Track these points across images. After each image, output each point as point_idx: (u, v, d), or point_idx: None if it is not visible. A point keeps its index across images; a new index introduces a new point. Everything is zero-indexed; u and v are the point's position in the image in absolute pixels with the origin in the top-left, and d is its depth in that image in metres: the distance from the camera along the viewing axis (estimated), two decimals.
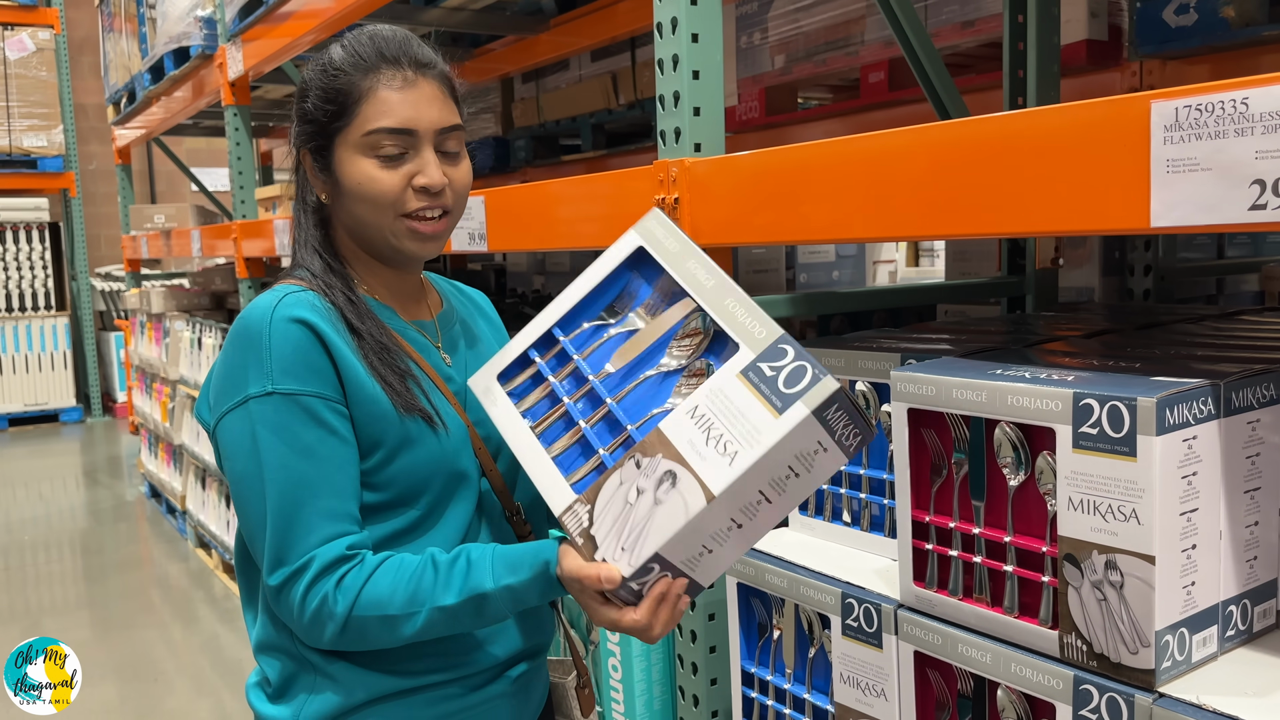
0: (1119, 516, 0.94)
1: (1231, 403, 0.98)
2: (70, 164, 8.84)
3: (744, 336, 1.00)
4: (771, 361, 0.97)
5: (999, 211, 1.05)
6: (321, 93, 1.17)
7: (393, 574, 1.07)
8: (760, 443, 0.93)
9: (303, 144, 1.20)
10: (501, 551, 1.09)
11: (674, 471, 0.96)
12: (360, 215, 1.17)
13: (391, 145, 1.14)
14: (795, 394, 0.94)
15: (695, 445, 0.96)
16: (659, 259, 1.11)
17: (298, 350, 1.09)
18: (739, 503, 0.96)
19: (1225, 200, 0.86)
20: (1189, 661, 0.97)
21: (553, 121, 4.05)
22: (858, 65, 2.64)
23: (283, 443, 1.07)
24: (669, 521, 0.95)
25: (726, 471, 0.94)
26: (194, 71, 4.16)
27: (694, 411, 0.98)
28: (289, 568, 1.06)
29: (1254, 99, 0.84)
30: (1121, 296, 2.15)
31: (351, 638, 1.07)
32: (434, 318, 1.28)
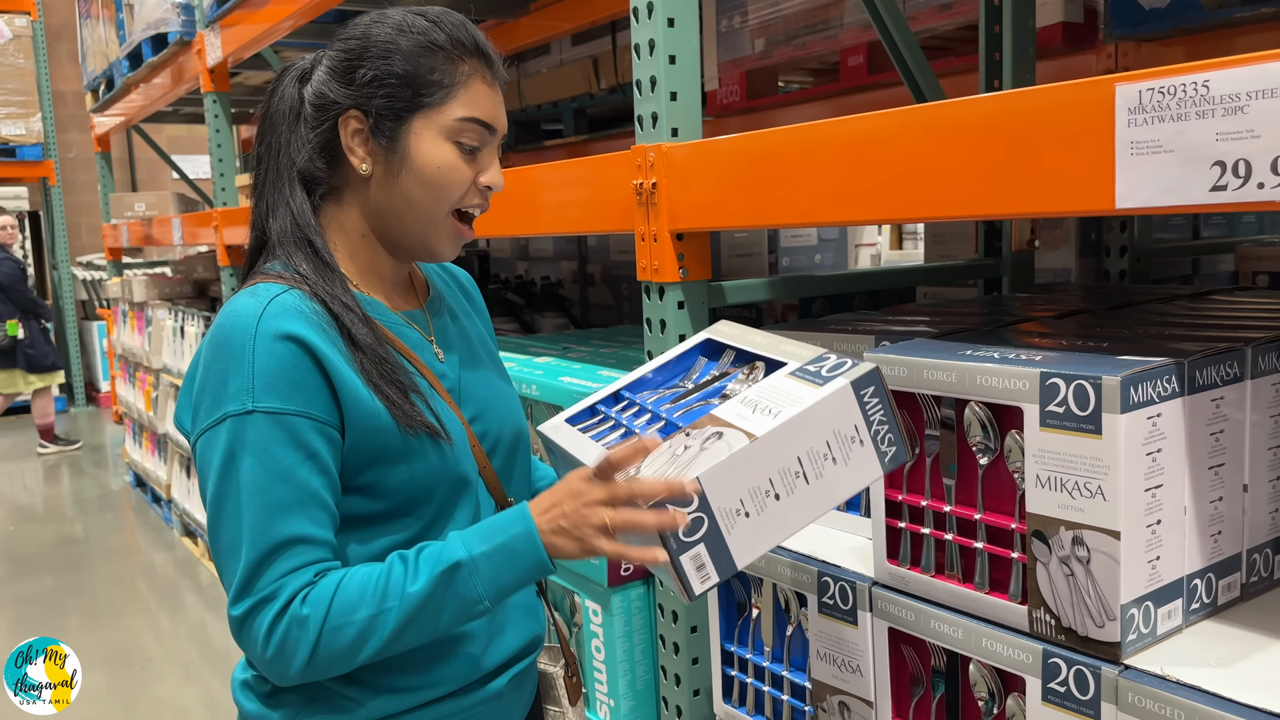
0: (1085, 493, 0.96)
1: (1195, 381, 1.00)
2: (49, 152, 8.76)
3: (792, 357, 1.08)
4: (816, 363, 1.04)
5: (968, 194, 1.07)
6: (418, 61, 1.09)
7: (360, 576, 1.02)
8: (801, 402, 0.98)
9: (371, 107, 1.10)
10: (470, 529, 1.05)
11: (719, 431, 0.99)
12: (416, 199, 1.11)
13: (474, 137, 1.11)
14: (835, 374, 1.01)
15: (742, 415, 1.01)
16: (720, 340, 1.20)
17: (283, 366, 1.02)
18: (778, 461, 0.97)
19: (1188, 182, 0.88)
20: (1154, 634, 0.99)
21: (534, 106, 4.04)
22: (837, 49, 2.65)
23: (259, 464, 1.00)
24: (714, 456, 0.96)
25: (769, 421, 0.97)
26: (172, 58, 4.14)
27: (745, 399, 1.03)
28: (254, 597, 1.00)
29: (1214, 82, 0.85)
30: (1098, 277, 2.17)
31: (324, 660, 1.00)
32: (422, 306, 1.23)
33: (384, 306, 1.16)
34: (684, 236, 1.51)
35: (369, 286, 1.16)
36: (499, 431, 1.21)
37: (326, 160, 1.13)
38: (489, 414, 1.20)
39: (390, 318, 1.15)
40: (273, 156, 1.15)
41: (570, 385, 1.76)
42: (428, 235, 1.13)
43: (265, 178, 1.15)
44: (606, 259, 3.51)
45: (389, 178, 1.11)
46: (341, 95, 1.11)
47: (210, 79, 3.77)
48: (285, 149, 1.14)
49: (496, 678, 1.17)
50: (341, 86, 1.11)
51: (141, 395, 5.40)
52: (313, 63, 1.16)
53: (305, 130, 1.13)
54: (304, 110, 1.13)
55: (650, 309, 1.56)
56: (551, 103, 3.94)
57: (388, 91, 1.09)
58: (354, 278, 1.15)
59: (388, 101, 1.09)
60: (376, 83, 1.09)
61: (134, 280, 5.30)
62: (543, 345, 2.30)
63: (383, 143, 1.10)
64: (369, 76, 1.09)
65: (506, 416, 1.23)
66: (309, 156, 1.12)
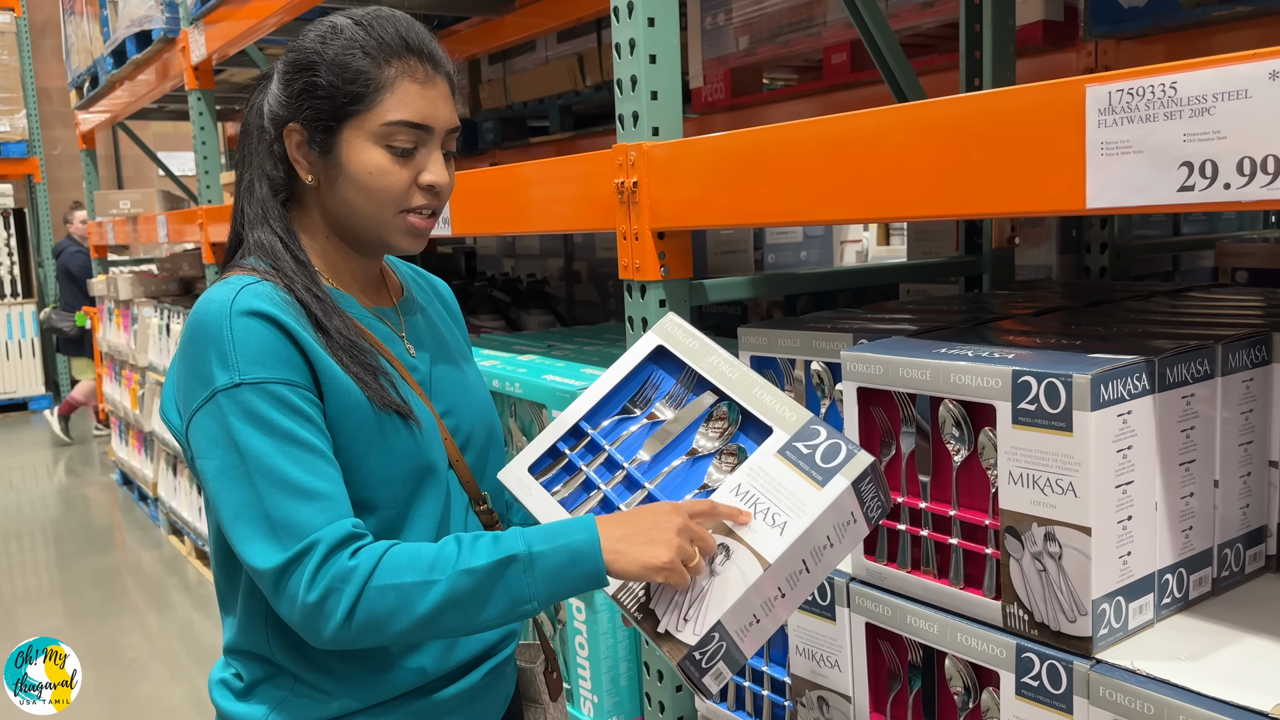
0: (1057, 490, 0.97)
1: (1166, 378, 1.01)
2: (34, 149, 8.72)
3: (776, 420, 1.06)
4: (806, 441, 1.03)
5: (945, 193, 1.08)
6: (340, 70, 1.09)
7: (411, 546, 1.01)
8: (807, 513, 0.99)
9: (301, 120, 1.11)
10: (532, 527, 1.04)
11: (727, 545, 1.00)
12: (357, 205, 1.12)
13: (406, 139, 1.10)
14: (834, 468, 1.00)
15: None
16: (681, 356, 1.16)
17: (261, 340, 1.03)
18: (786, 571, 1.00)
19: (1156, 182, 0.89)
20: (1125, 629, 1.00)
21: (520, 103, 4.04)
22: (820, 47, 2.66)
23: (261, 431, 1.01)
24: (729, 590, 0.98)
25: (778, 541, 0.99)
26: (157, 55, 4.12)
27: (738, 489, 1.03)
28: (289, 551, 0.98)
29: (1182, 83, 0.86)
30: (1078, 274, 2.18)
31: (362, 618, 0.97)
32: (395, 304, 1.24)
33: (355, 301, 1.18)
34: (665, 235, 1.52)
35: (341, 284, 1.18)
36: (471, 427, 1.22)
37: (285, 169, 1.16)
38: (461, 409, 1.21)
39: (361, 312, 1.17)
40: (246, 164, 1.18)
41: (553, 384, 1.77)
42: (379, 234, 1.14)
43: (241, 184, 1.19)
44: (593, 256, 3.52)
45: (330, 186, 1.13)
46: (283, 108, 1.13)
47: (195, 76, 3.76)
48: (255, 158, 1.17)
49: (471, 671, 1.17)
50: (284, 98, 1.13)
51: (128, 393, 5.38)
52: (269, 72, 1.17)
53: (266, 140, 1.16)
54: (263, 121, 1.16)
55: (632, 307, 1.57)
56: (538, 100, 3.94)
57: (314, 103, 1.10)
58: (324, 273, 1.17)
59: (316, 113, 1.10)
60: (305, 94, 1.11)
61: (120, 278, 5.28)
62: (527, 343, 2.31)
63: (318, 154, 1.12)
64: (299, 88, 1.11)
65: (479, 413, 1.24)
66: (272, 166, 1.15)
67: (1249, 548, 1.12)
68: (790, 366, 1.39)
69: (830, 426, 1.04)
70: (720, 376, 1.12)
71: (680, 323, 1.19)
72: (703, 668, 0.97)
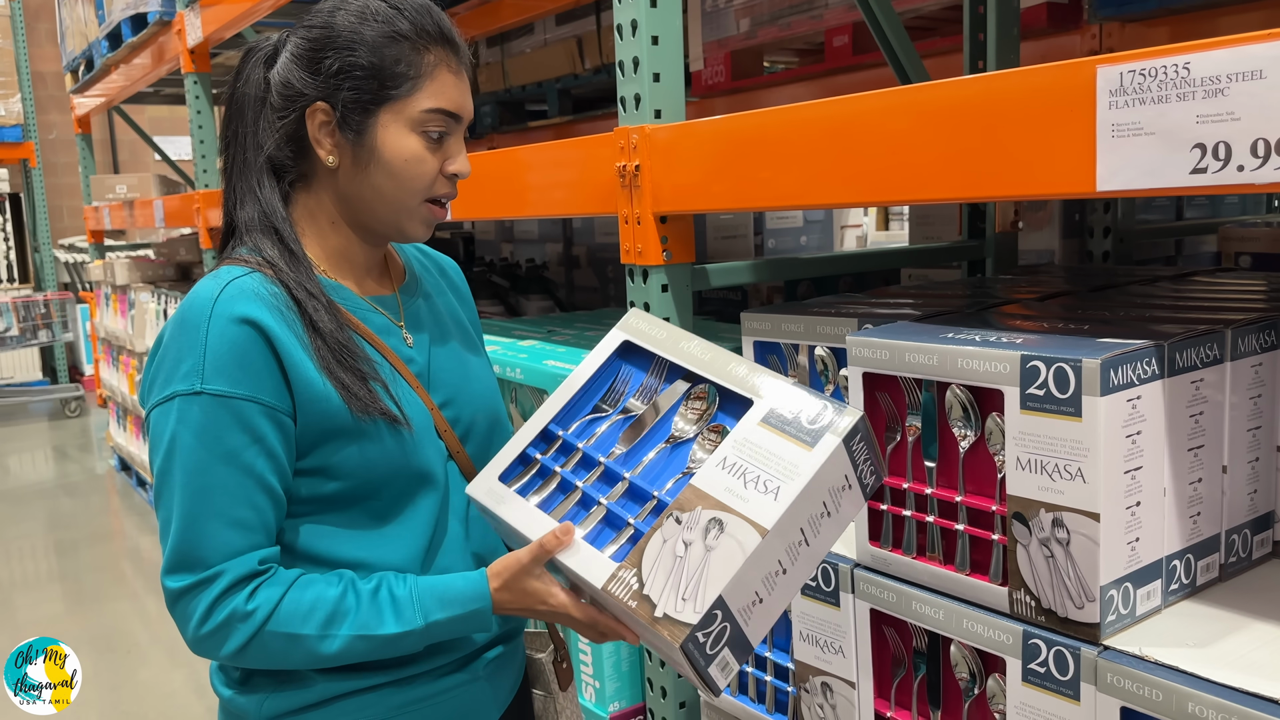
0: (1065, 475, 0.96)
1: (1175, 363, 1.00)
2: (29, 134, 8.66)
3: (754, 391, 1.02)
4: (789, 406, 0.99)
5: (951, 176, 1.06)
6: (382, 52, 1.08)
7: (312, 591, 1.03)
8: (800, 474, 0.94)
9: (335, 100, 1.08)
10: (426, 584, 1.06)
11: (718, 518, 0.95)
12: (385, 191, 1.10)
13: (439, 127, 1.10)
14: (822, 428, 0.96)
15: (734, 490, 0.96)
16: (649, 348, 1.12)
17: (234, 349, 1.02)
18: (785, 540, 0.95)
19: (1168, 164, 0.88)
20: (1133, 615, 1.00)
21: (519, 87, 4.01)
22: (822, 29, 2.63)
23: (202, 446, 1.01)
24: (727, 563, 0.93)
25: (773, 506, 0.94)
26: (152, 38, 4.09)
27: (723, 462, 0.98)
28: (194, 575, 1.01)
29: (1195, 64, 0.85)
30: (1081, 259, 2.17)
31: (253, 654, 1.02)
32: (395, 290, 1.21)
33: (350, 291, 1.15)
34: (667, 219, 1.51)
35: (338, 272, 1.16)
36: (472, 416, 1.20)
37: (294, 149, 1.12)
38: (461, 398, 1.19)
39: (356, 303, 1.15)
40: (240, 143, 1.14)
41: (554, 369, 1.76)
42: (400, 222, 1.13)
43: (233, 165, 1.15)
44: (592, 241, 3.50)
45: (356, 169, 1.11)
46: (307, 86, 1.09)
47: (191, 59, 3.73)
48: (253, 135, 1.13)
49: (472, 662, 1.17)
50: (307, 76, 1.09)
51: (125, 379, 5.37)
52: (277, 45, 1.13)
53: (272, 117, 1.11)
54: (270, 97, 1.12)
55: (634, 292, 1.56)
56: (536, 83, 3.91)
57: (354, 84, 1.08)
58: (323, 263, 1.15)
59: (354, 94, 1.08)
60: (342, 74, 1.08)
61: (116, 263, 5.26)
62: (527, 328, 2.30)
63: (349, 136, 1.09)
64: (334, 67, 1.08)
65: (481, 401, 1.22)
66: (276, 145, 1.11)
67: (1256, 533, 1.12)
68: (794, 352, 1.38)
69: (813, 390, 1.01)
70: (692, 360, 1.09)
71: (645, 315, 1.16)
72: (707, 654, 0.93)
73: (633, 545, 0.99)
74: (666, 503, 1.01)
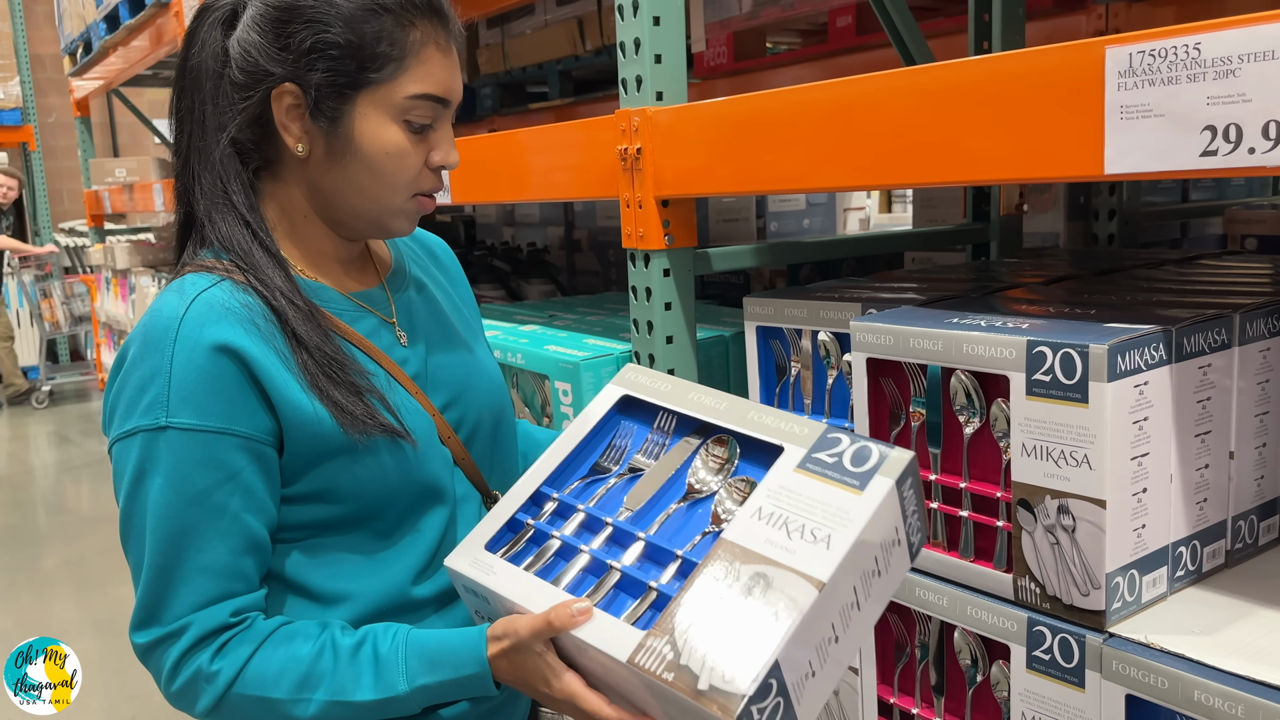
0: (1071, 462, 0.95)
1: (1183, 348, 0.99)
2: (29, 117, 8.64)
3: (784, 437, 0.92)
4: (827, 450, 0.89)
5: (957, 159, 1.05)
6: (360, 28, 0.94)
7: (284, 649, 0.93)
8: (853, 520, 0.83)
9: (305, 82, 0.95)
10: (416, 641, 0.95)
11: (763, 573, 0.83)
12: (364, 186, 0.98)
13: (425, 114, 0.98)
14: (870, 469, 0.86)
15: (776, 542, 0.84)
16: (653, 400, 1.02)
17: (203, 377, 0.91)
18: (838, 600, 0.84)
19: (1177, 147, 0.86)
20: (1139, 602, 0.99)
21: (519, 69, 3.99)
22: (825, 9, 2.61)
23: (170, 487, 0.91)
24: (780, 620, 0.80)
25: (826, 556, 0.82)
26: (150, 20, 4.06)
27: (759, 512, 0.87)
28: (161, 629, 0.92)
29: (1206, 44, 0.83)
30: (1086, 241, 2.16)
31: (227, 716, 0.94)
32: (382, 281, 1.10)
33: (333, 291, 1.04)
34: (669, 203, 1.49)
35: (317, 270, 1.05)
36: (477, 417, 1.11)
37: (258, 133, 0.99)
38: (464, 398, 1.10)
39: (341, 304, 1.04)
40: (198, 121, 0.99)
41: (556, 354, 1.75)
42: (381, 218, 1.02)
43: (190, 143, 1.00)
44: (593, 224, 3.48)
45: (330, 161, 0.98)
46: (273, 62, 0.95)
47: None
48: (213, 112, 0.98)
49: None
50: (273, 50, 0.95)
51: None
52: (236, 5, 0.99)
53: (232, 93, 0.97)
54: (228, 70, 0.97)
55: (635, 276, 1.54)
56: (536, 65, 3.88)
57: (327, 65, 0.95)
58: (298, 261, 1.04)
59: (328, 76, 0.95)
60: (314, 53, 0.94)
61: (117, 247, 5.25)
62: (529, 313, 2.29)
63: (322, 124, 0.97)
64: (305, 44, 0.94)
65: (485, 398, 1.13)
66: (239, 126, 0.97)
67: (1263, 519, 1.11)
68: (797, 337, 1.37)
69: (850, 431, 0.91)
70: (705, 410, 0.98)
71: (643, 369, 1.06)
72: None
73: (658, 611, 0.87)
74: (693, 562, 0.89)
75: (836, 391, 1.32)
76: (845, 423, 1.31)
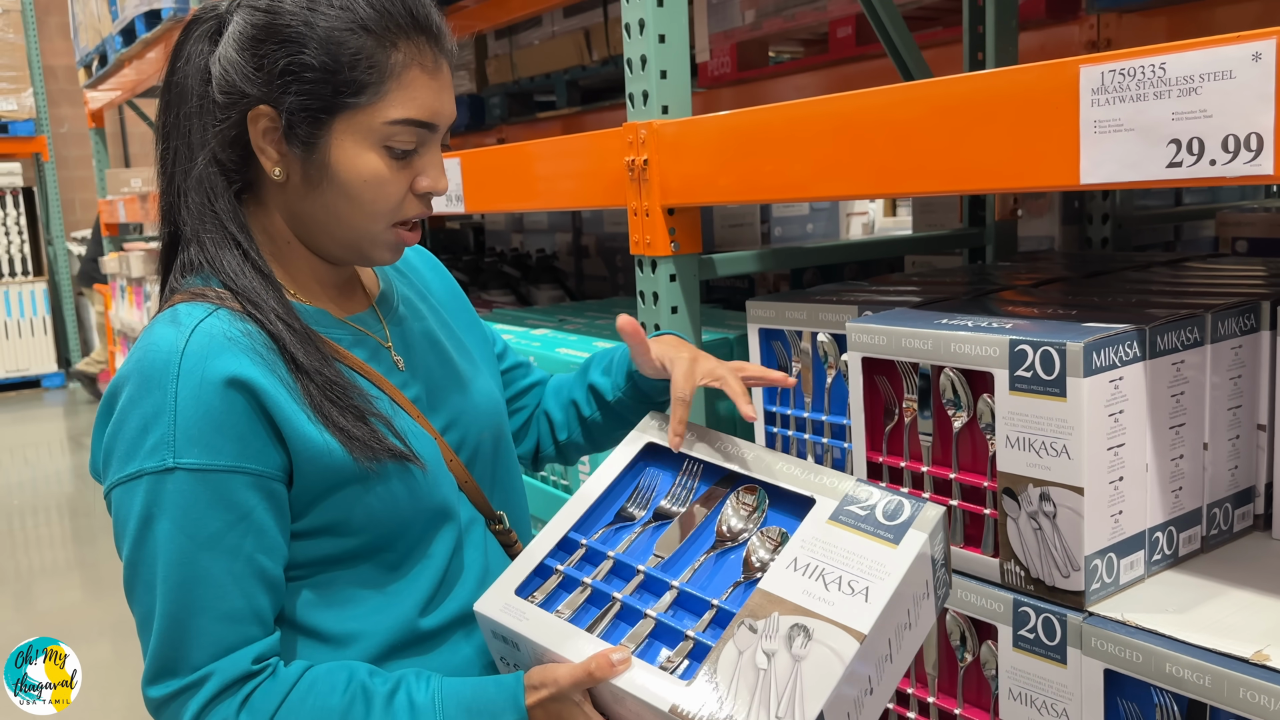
0: (1051, 452, 1.02)
1: (1156, 346, 1.05)
2: (42, 127, 8.74)
3: (815, 489, 0.95)
4: (859, 503, 0.93)
5: (946, 170, 1.12)
6: (335, 49, 0.90)
7: (314, 700, 0.89)
8: (890, 574, 0.86)
9: (280, 105, 0.92)
10: (452, 690, 0.92)
11: (803, 625, 0.85)
12: (341, 214, 0.95)
13: (408, 140, 0.94)
14: (903, 523, 0.90)
15: (814, 594, 0.87)
16: (682, 449, 1.04)
17: (210, 414, 0.88)
18: (876, 653, 0.86)
19: (1146, 158, 0.93)
20: (1117, 584, 1.06)
21: (527, 78, 4.06)
22: (826, 20, 2.68)
23: (182, 532, 0.87)
24: (824, 674, 0.82)
25: (866, 608, 0.85)
26: (166, 34, 4.14)
27: (794, 563, 0.90)
28: (179, 681, 0.88)
29: (1170, 64, 0.90)
30: (1081, 245, 2.22)
31: None
32: (372, 304, 1.08)
33: (328, 315, 1.02)
34: (675, 211, 1.56)
35: (306, 294, 1.02)
36: (477, 438, 1.10)
37: (238, 154, 0.96)
38: (463, 419, 1.09)
39: (338, 330, 1.02)
40: (182, 135, 0.96)
41: (568, 356, 1.82)
42: (361, 247, 0.99)
43: (175, 159, 0.97)
44: (600, 231, 3.56)
45: (307, 187, 0.95)
46: (248, 83, 0.92)
47: None
48: (199, 124, 0.95)
49: None
50: (249, 71, 0.92)
51: None
52: (222, 18, 0.97)
53: (214, 111, 0.95)
54: (210, 88, 0.95)
55: (643, 282, 1.61)
56: (544, 75, 3.96)
57: (301, 88, 0.91)
58: (289, 285, 1.01)
59: (302, 100, 0.91)
60: (288, 74, 0.91)
61: (132, 255, 5.33)
62: (539, 317, 2.36)
63: (297, 149, 0.94)
64: (279, 65, 0.91)
65: (485, 418, 1.12)
66: (219, 146, 0.95)
67: (1237, 507, 1.17)
68: (797, 338, 1.43)
69: (878, 485, 0.95)
70: (733, 459, 1.00)
71: (665, 415, 1.06)
72: None
73: (695, 660, 0.89)
74: (729, 611, 0.91)
75: (835, 390, 1.38)
76: (843, 419, 1.38)
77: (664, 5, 1.54)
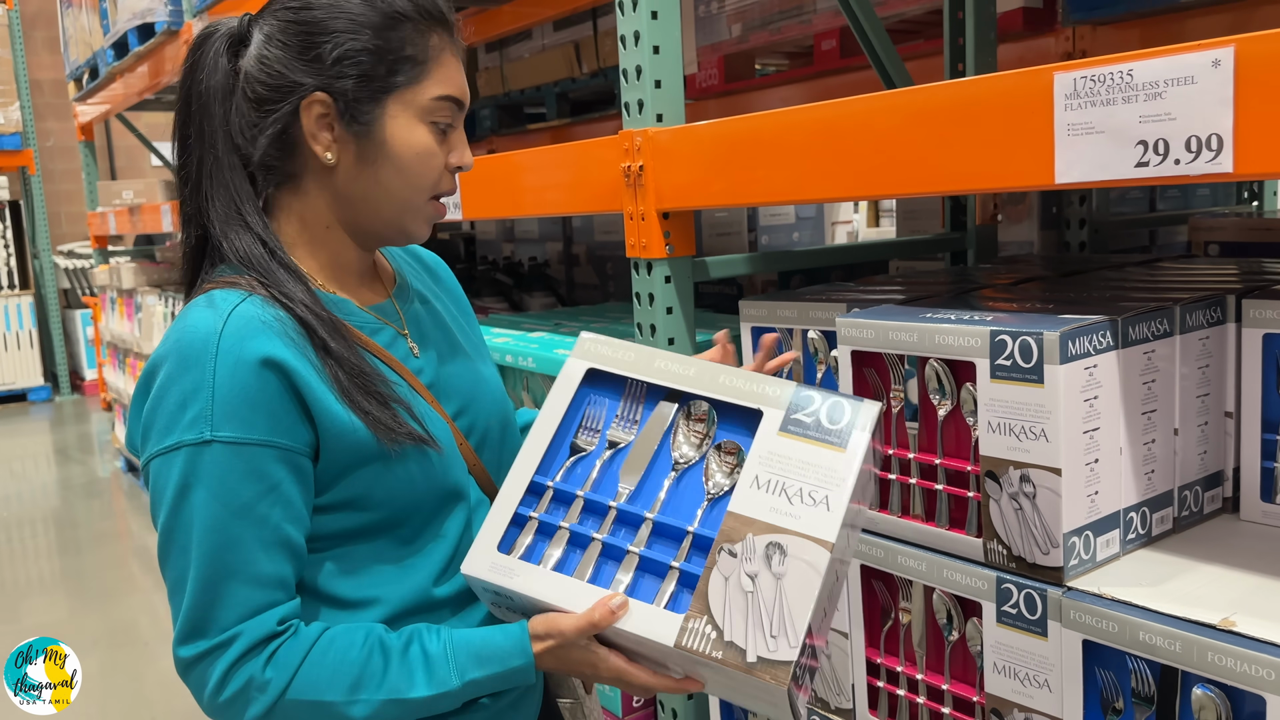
0: (1030, 436, 1.08)
1: (1129, 335, 1.12)
2: (28, 141, 8.74)
3: (760, 400, 0.99)
4: (804, 410, 0.97)
5: (928, 172, 1.18)
6: (388, 35, 1.00)
7: (335, 654, 0.96)
8: (844, 479, 0.93)
9: (336, 90, 1.00)
10: (461, 640, 0.99)
11: (777, 542, 0.91)
12: (393, 188, 1.03)
13: (448, 116, 1.04)
14: (847, 426, 0.95)
15: (780, 509, 0.93)
16: (621, 371, 1.06)
17: (246, 391, 0.94)
18: (841, 551, 0.93)
19: (1116, 159, 0.99)
20: (1094, 560, 1.12)
21: (517, 91, 4.12)
22: (811, 33, 2.76)
23: (216, 500, 0.93)
24: (804, 587, 0.89)
25: (829, 517, 0.91)
26: (159, 48, 4.19)
27: (756, 481, 0.95)
28: (209, 641, 0.94)
29: (1137, 70, 0.97)
30: (1059, 249, 2.29)
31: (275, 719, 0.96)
32: (390, 295, 1.14)
33: (352, 304, 1.08)
34: (669, 215, 1.62)
35: (334, 283, 1.09)
36: (486, 424, 1.16)
37: (279, 147, 1.03)
38: (473, 405, 1.15)
39: (360, 317, 1.08)
40: (208, 143, 1.03)
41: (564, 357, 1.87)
42: (404, 221, 1.07)
43: (201, 167, 1.04)
44: (591, 239, 3.62)
45: (360, 165, 1.03)
46: (301, 74, 1.00)
47: None
48: (223, 132, 1.03)
49: None
50: (300, 64, 1.00)
51: (132, 381, 5.47)
52: (241, 30, 1.05)
53: (251, 112, 1.02)
54: (242, 87, 1.02)
55: (639, 284, 1.67)
56: (534, 87, 4.02)
57: (359, 71, 1.00)
58: (316, 275, 1.08)
59: (360, 82, 1.00)
60: (345, 60, 1.00)
61: (122, 267, 5.36)
62: (535, 321, 2.41)
63: (354, 129, 1.02)
64: (335, 54, 0.99)
65: (492, 406, 1.18)
66: (263, 143, 1.02)
67: (1207, 490, 1.24)
68: (788, 335, 1.49)
69: (819, 388, 1.00)
70: (675, 378, 1.03)
71: (603, 338, 1.09)
72: (801, 685, 0.89)
73: (685, 588, 0.95)
74: (705, 536, 0.96)
75: (825, 384, 1.44)
76: None
77: (658, 18, 1.61)
